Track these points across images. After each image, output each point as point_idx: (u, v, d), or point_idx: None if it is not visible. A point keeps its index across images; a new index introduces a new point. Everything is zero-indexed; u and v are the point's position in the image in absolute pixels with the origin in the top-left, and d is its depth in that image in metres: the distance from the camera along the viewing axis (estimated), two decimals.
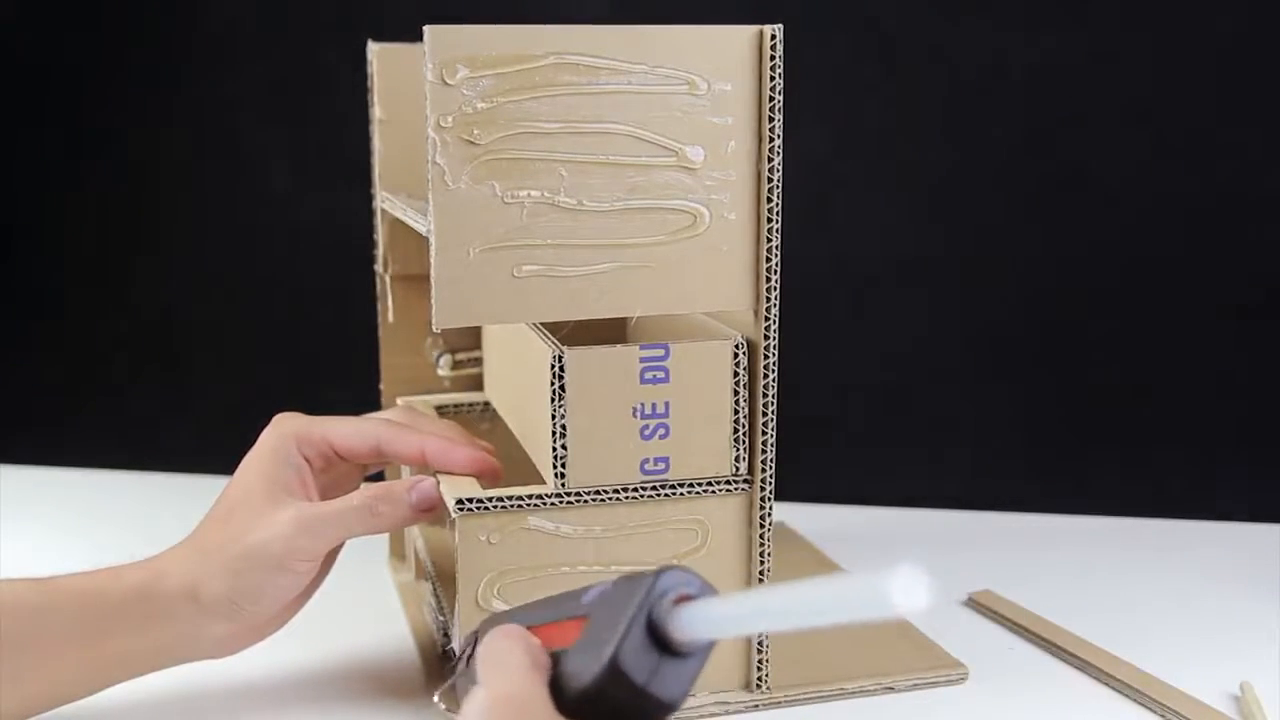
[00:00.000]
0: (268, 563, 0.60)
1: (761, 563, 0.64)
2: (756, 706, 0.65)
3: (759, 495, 0.63)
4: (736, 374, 0.62)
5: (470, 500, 0.60)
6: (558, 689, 0.42)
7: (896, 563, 0.33)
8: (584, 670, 0.41)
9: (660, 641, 0.40)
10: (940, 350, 1.01)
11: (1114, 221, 0.97)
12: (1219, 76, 0.94)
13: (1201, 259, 0.96)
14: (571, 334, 0.62)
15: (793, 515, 0.91)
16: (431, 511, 0.63)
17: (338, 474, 0.66)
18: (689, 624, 0.39)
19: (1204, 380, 0.98)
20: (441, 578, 0.70)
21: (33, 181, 1.11)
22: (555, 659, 0.43)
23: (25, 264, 1.12)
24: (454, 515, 0.60)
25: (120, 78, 1.08)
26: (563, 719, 0.41)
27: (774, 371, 0.62)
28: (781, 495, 0.65)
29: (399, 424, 0.66)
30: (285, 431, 0.64)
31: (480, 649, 0.46)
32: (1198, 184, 0.96)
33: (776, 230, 0.61)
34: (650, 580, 0.41)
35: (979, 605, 0.78)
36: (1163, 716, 0.65)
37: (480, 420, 0.80)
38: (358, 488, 0.64)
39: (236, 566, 0.60)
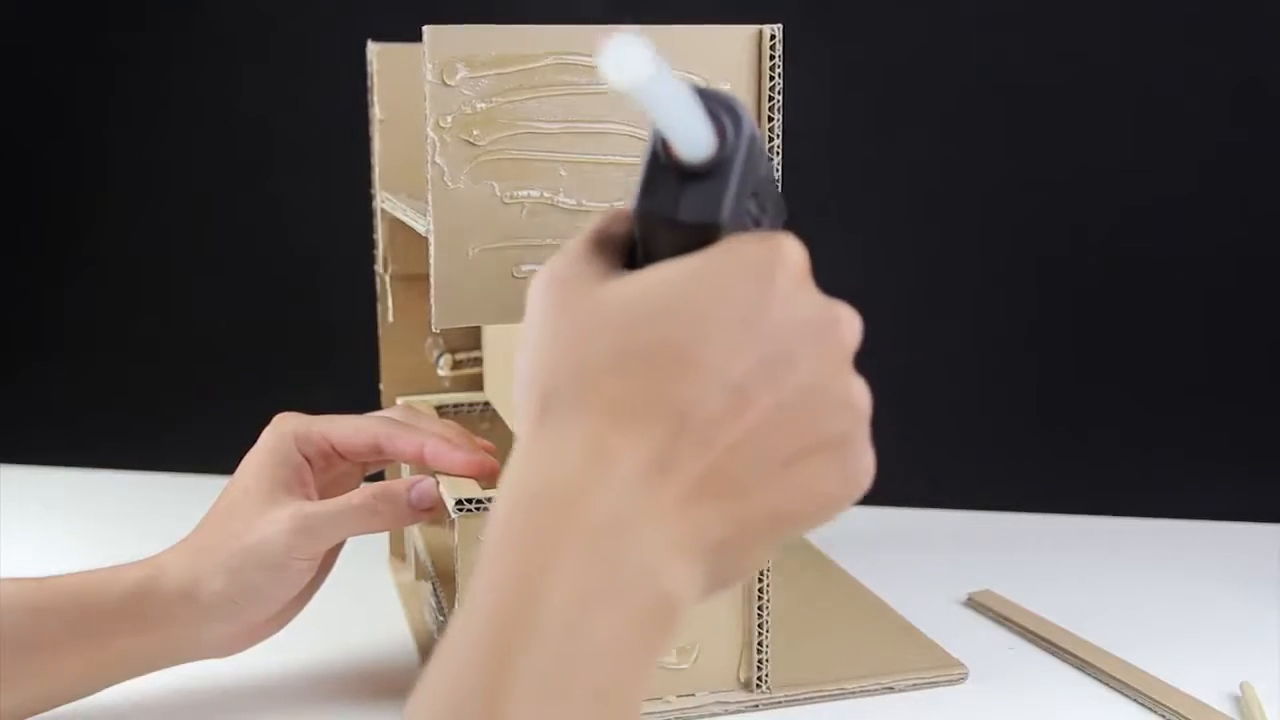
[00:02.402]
0: (267, 561, 0.60)
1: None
2: (756, 706, 0.65)
3: None
4: None
5: (470, 500, 0.60)
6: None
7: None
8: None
9: (675, 169, 0.38)
10: (940, 350, 1.01)
11: (1112, 222, 0.97)
12: (1216, 78, 0.94)
13: (1200, 258, 0.96)
14: None
15: None
16: (431, 511, 0.63)
17: (338, 473, 0.66)
18: (673, 139, 0.37)
19: (1203, 380, 0.98)
20: (441, 578, 0.70)
21: (32, 182, 1.11)
22: None
23: (25, 265, 1.12)
24: (454, 515, 0.60)
25: (119, 77, 1.08)
26: (612, 294, 0.38)
27: None
28: None
29: (399, 423, 0.66)
30: (285, 431, 0.64)
31: None
32: (1194, 183, 0.96)
33: None
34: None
35: (979, 605, 0.78)
36: (1163, 717, 0.65)
37: (480, 420, 0.80)
38: (358, 487, 0.64)
39: (235, 565, 0.60)
